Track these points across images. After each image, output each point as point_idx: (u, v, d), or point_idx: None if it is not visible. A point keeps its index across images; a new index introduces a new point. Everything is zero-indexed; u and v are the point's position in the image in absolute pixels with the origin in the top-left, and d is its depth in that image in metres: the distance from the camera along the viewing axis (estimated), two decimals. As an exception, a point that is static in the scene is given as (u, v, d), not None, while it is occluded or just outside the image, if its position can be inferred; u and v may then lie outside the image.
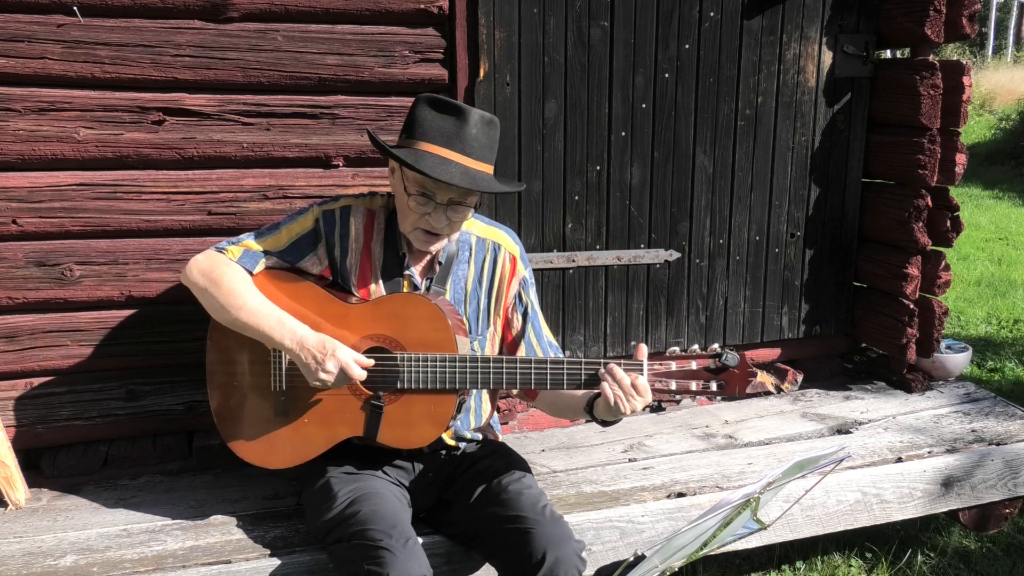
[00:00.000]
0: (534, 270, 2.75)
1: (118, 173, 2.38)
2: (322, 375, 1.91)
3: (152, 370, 2.51)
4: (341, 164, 2.54)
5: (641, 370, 1.86)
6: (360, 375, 1.93)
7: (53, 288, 2.38)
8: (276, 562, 2.05)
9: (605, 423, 1.97)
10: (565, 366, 1.92)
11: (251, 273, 2.03)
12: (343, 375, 1.92)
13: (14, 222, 2.32)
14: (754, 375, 1.89)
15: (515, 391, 2.17)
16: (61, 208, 2.34)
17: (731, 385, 1.87)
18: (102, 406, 2.49)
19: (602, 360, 1.90)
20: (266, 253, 2.05)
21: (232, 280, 1.99)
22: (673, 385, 1.88)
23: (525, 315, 2.17)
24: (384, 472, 2.10)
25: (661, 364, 1.88)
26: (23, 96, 2.26)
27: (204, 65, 2.35)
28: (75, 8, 2.23)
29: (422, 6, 2.47)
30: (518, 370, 1.93)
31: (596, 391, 1.91)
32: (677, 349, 1.90)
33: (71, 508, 2.32)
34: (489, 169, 1.97)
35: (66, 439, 2.49)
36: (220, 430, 2.14)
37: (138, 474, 2.52)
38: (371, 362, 1.95)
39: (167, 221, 2.43)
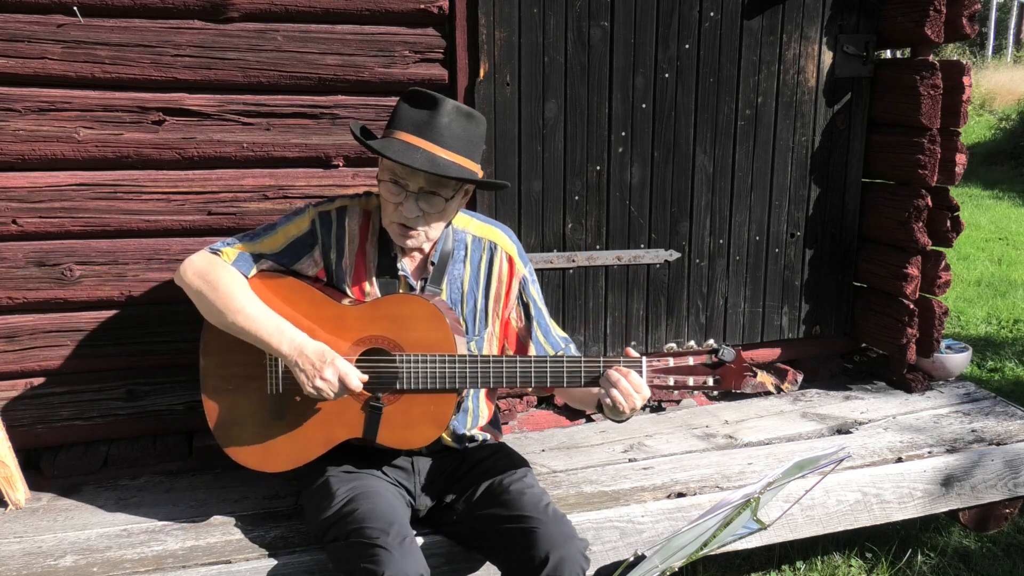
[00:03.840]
0: (534, 270, 2.76)
1: (118, 173, 2.38)
2: (319, 383, 1.91)
3: (152, 370, 2.51)
4: (341, 164, 2.54)
5: (640, 369, 1.88)
6: (357, 386, 1.92)
7: (53, 288, 2.38)
8: (276, 562, 2.05)
9: (616, 420, 1.98)
10: (565, 366, 1.92)
11: (246, 276, 2.02)
12: (341, 385, 1.92)
13: (14, 222, 2.32)
14: (749, 370, 1.92)
15: (530, 388, 2.17)
16: (61, 208, 2.34)
17: (727, 380, 1.90)
18: (102, 406, 2.49)
19: (602, 360, 1.91)
20: (262, 256, 2.03)
21: (229, 283, 1.97)
22: (671, 381, 1.91)
23: (528, 315, 2.16)
24: (384, 472, 2.10)
25: (660, 360, 1.90)
26: (23, 96, 2.26)
27: (204, 65, 2.35)
28: (75, 8, 2.23)
29: (422, 6, 2.47)
30: (518, 368, 1.93)
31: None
32: (674, 346, 1.92)
33: (71, 508, 2.32)
34: (464, 160, 1.93)
35: (66, 439, 2.49)
36: (216, 435, 2.13)
37: (138, 474, 2.52)
38: (366, 377, 1.95)
39: (167, 221, 2.43)
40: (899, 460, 2.58)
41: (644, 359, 1.89)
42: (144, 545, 2.11)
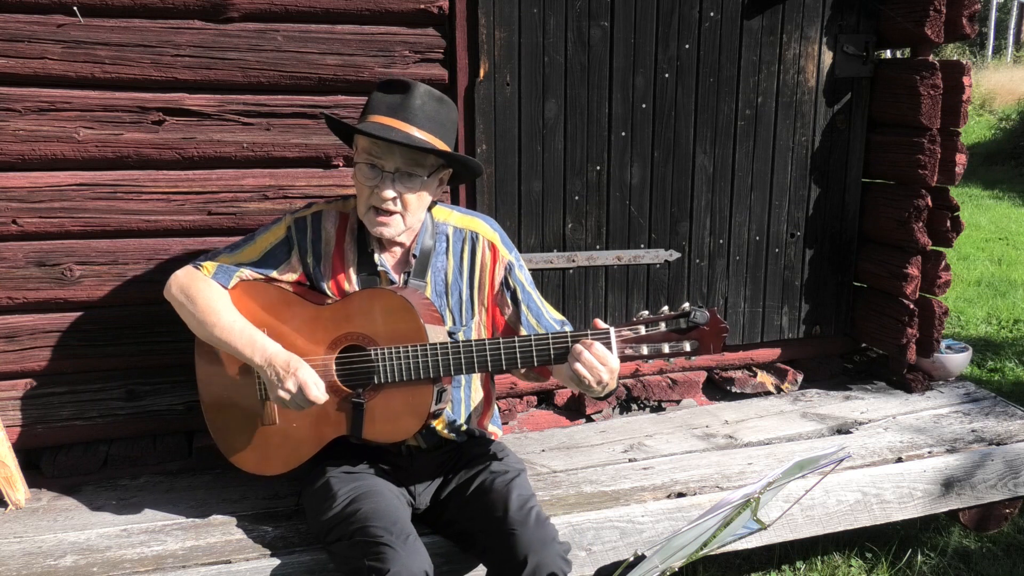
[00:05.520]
0: (534, 270, 2.76)
1: (118, 173, 2.38)
2: (281, 393, 1.93)
3: (152, 370, 2.51)
4: (341, 164, 2.54)
5: (608, 340, 1.83)
6: (319, 397, 1.93)
7: (53, 288, 2.38)
8: (276, 562, 2.05)
9: (592, 396, 1.94)
10: (534, 344, 1.89)
11: (226, 288, 2.05)
12: (301, 395, 1.92)
13: (14, 222, 2.32)
14: (727, 331, 1.85)
15: (521, 371, 2.14)
16: (61, 208, 2.34)
17: (704, 344, 1.84)
18: (102, 406, 2.49)
19: (569, 334, 1.87)
20: (240, 266, 2.07)
21: (207, 297, 2.02)
22: (644, 349, 1.84)
23: (515, 299, 2.15)
24: (383, 470, 2.11)
25: (630, 329, 1.84)
26: (23, 96, 2.26)
27: (204, 65, 2.35)
28: (75, 8, 2.24)
29: (422, 6, 2.47)
30: (488, 350, 1.91)
31: None
32: (646, 313, 1.86)
33: (71, 508, 2.32)
34: (437, 141, 1.96)
35: (66, 439, 2.49)
36: (217, 442, 2.16)
37: (138, 474, 2.52)
38: (325, 391, 1.94)
39: (167, 221, 2.43)
40: (899, 460, 2.58)
41: (612, 329, 1.83)
42: (144, 545, 2.11)
